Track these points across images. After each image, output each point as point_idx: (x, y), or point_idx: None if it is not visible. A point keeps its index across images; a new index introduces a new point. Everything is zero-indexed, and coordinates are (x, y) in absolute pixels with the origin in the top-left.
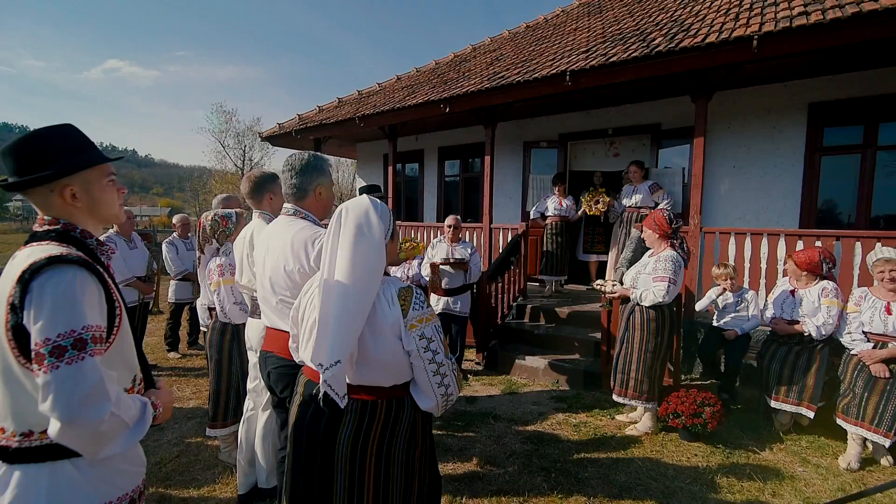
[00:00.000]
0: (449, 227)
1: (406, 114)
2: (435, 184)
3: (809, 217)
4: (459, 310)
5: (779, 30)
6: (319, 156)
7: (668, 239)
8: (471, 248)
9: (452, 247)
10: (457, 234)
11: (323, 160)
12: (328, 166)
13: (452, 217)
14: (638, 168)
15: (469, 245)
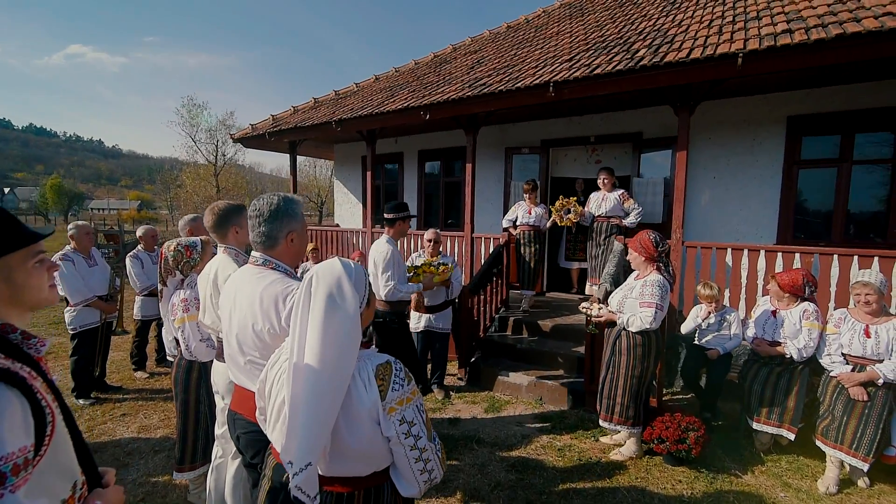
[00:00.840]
0: (429, 241)
1: (385, 119)
2: (415, 187)
3: (786, 230)
4: (442, 326)
5: (764, 48)
6: (290, 198)
7: (654, 262)
8: (451, 262)
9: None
10: (437, 249)
11: (294, 204)
12: (300, 209)
13: (432, 231)
14: (608, 176)
15: (449, 259)
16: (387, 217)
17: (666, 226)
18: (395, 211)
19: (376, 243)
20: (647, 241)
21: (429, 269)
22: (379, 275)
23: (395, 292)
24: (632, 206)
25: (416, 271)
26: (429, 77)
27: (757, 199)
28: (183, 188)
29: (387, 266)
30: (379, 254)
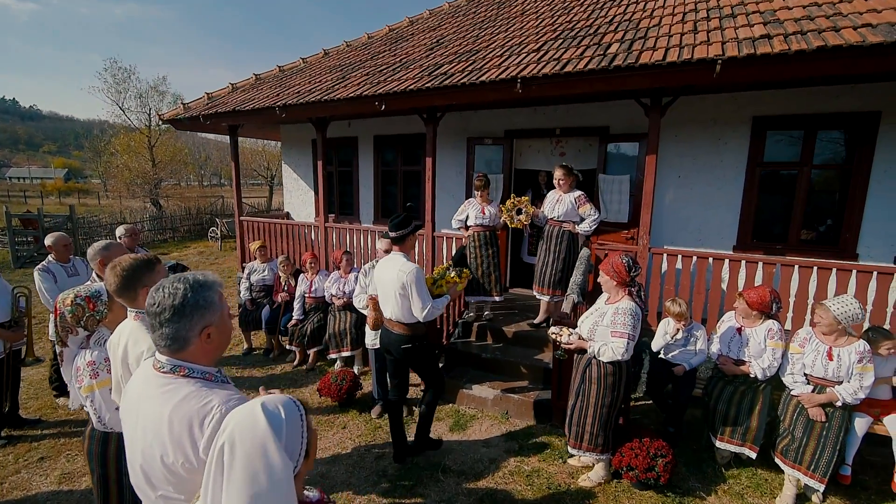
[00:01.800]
0: (385, 252)
1: (335, 107)
2: (371, 176)
3: (745, 233)
4: None
5: (744, 56)
6: (202, 283)
7: (625, 287)
8: None
9: None
10: None
11: (207, 289)
12: (217, 293)
13: (386, 241)
14: (565, 175)
15: None
16: (394, 236)
17: (631, 226)
18: (402, 227)
19: (402, 265)
20: (619, 265)
21: (452, 279)
22: (415, 299)
23: (432, 312)
24: (588, 211)
25: (437, 283)
26: (384, 56)
27: (720, 200)
28: (117, 156)
29: (421, 288)
30: (411, 277)
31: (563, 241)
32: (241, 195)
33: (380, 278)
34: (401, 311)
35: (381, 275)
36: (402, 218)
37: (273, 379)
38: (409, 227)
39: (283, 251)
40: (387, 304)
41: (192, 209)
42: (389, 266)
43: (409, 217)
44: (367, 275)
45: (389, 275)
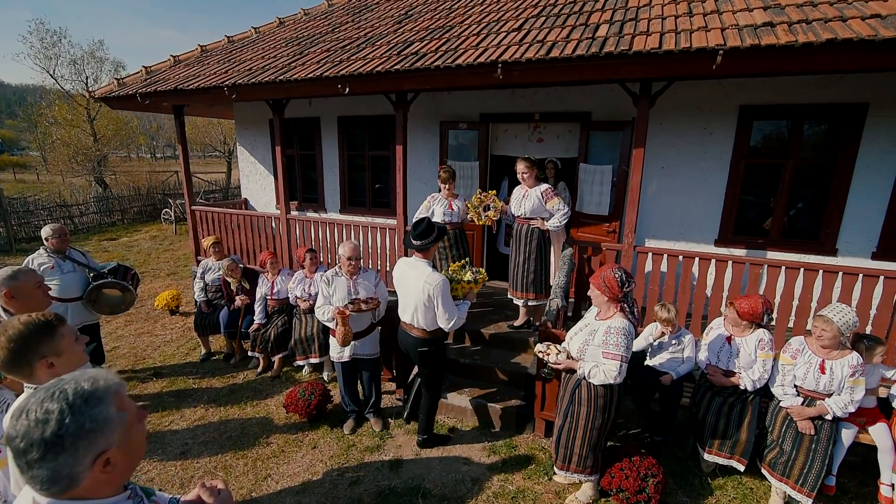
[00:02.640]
0: (349, 259)
1: (292, 88)
2: (336, 161)
3: (727, 227)
4: (369, 352)
5: (747, 47)
6: (89, 394)
7: (617, 303)
8: (375, 277)
9: (354, 281)
10: (357, 267)
11: (97, 401)
12: (116, 397)
13: (351, 246)
14: (528, 167)
15: (372, 274)
16: (417, 245)
17: (612, 219)
18: (424, 237)
19: (427, 276)
20: (611, 279)
21: (467, 284)
22: (440, 311)
23: (457, 323)
24: (556, 206)
25: (452, 286)
26: (346, 29)
27: (703, 192)
28: (57, 124)
29: (447, 301)
30: (437, 290)
31: (533, 239)
32: (191, 180)
33: (401, 284)
34: (423, 319)
35: (404, 281)
36: (424, 227)
37: (235, 389)
38: (432, 237)
39: (241, 245)
40: (406, 309)
41: (143, 188)
42: (412, 274)
43: (432, 225)
44: (329, 283)
45: (413, 284)
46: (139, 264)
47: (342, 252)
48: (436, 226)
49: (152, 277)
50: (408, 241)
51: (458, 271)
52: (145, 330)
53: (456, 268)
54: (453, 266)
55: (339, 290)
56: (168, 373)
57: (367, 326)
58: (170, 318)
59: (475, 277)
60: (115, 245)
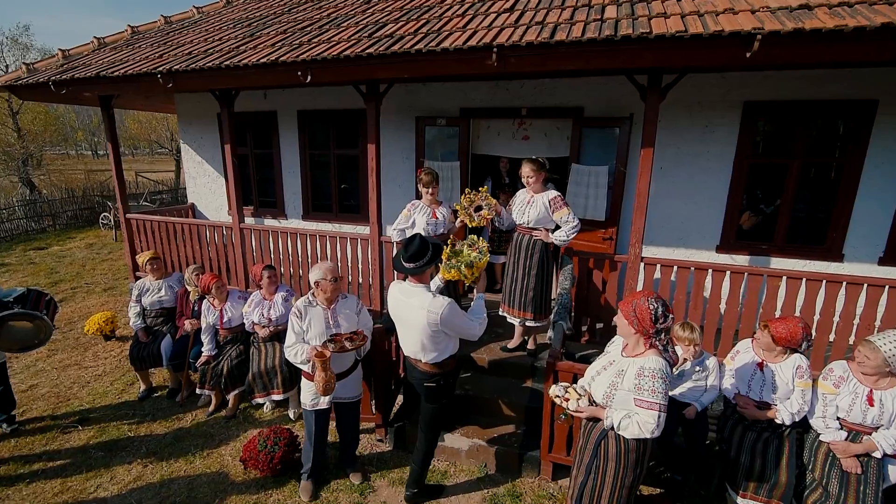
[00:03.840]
0: (327, 282)
1: (243, 76)
2: (297, 161)
3: (729, 232)
4: (351, 395)
5: (789, 31)
6: None
7: (648, 338)
8: (357, 304)
9: (332, 312)
10: (337, 293)
11: None
12: None
13: (328, 267)
14: (535, 170)
15: (353, 300)
16: (410, 268)
17: (609, 225)
18: (418, 258)
19: (430, 305)
20: (644, 311)
21: (469, 270)
22: (459, 332)
23: (482, 328)
24: (565, 217)
25: (450, 263)
26: (306, 9)
27: (704, 194)
28: None
29: (462, 320)
30: (446, 318)
31: (536, 252)
32: (124, 184)
33: (399, 314)
34: (431, 352)
35: (401, 312)
36: (416, 247)
37: (181, 436)
38: (427, 258)
39: (187, 260)
40: (409, 342)
41: (79, 189)
42: (411, 304)
43: (425, 243)
44: (302, 316)
45: (414, 315)
46: (71, 278)
47: (318, 276)
48: (430, 244)
49: (86, 294)
50: (399, 265)
51: (454, 248)
52: (73, 361)
53: (456, 251)
54: (457, 257)
55: (314, 324)
56: (98, 417)
57: (349, 366)
58: (104, 346)
59: (478, 251)
60: (44, 255)
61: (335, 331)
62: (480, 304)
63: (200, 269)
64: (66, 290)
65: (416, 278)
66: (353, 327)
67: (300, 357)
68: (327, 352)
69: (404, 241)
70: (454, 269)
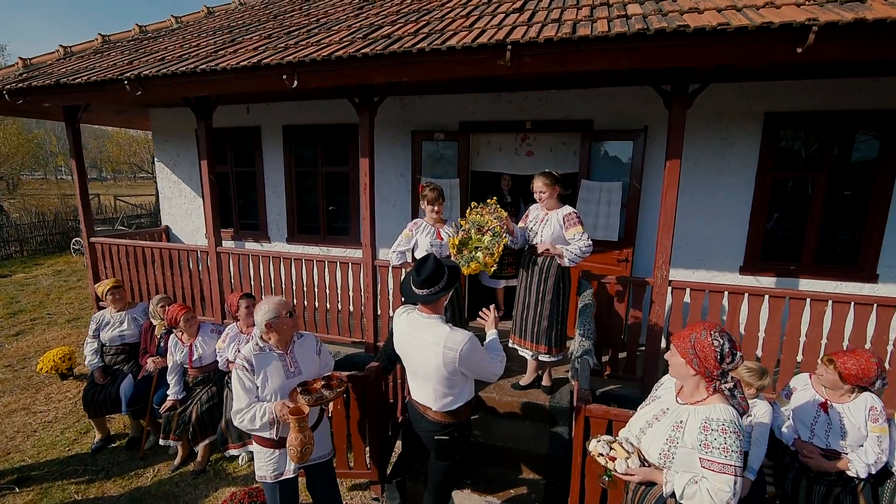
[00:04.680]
0: (282, 319)
1: (221, 82)
2: (281, 180)
3: (754, 252)
4: (323, 452)
5: (848, 22)
6: None
7: (712, 381)
8: (315, 343)
9: (290, 357)
10: (294, 332)
11: None
12: None
13: (279, 302)
14: (548, 184)
15: (311, 339)
16: (424, 294)
17: (624, 245)
18: (432, 283)
19: (446, 340)
20: (706, 347)
21: (492, 254)
22: (479, 373)
23: (503, 363)
24: (576, 235)
25: (463, 252)
26: (293, 16)
27: (725, 211)
28: None
29: (482, 358)
30: (467, 356)
31: (551, 275)
32: (88, 204)
33: (408, 353)
34: (445, 398)
35: (410, 350)
36: (431, 268)
37: (139, 497)
38: (443, 282)
39: (157, 288)
40: (419, 386)
41: (50, 214)
42: (423, 340)
43: (440, 266)
44: (252, 368)
45: (427, 354)
46: (32, 308)
47: (269, 314)
48: (445, 266)
49: (46, 326)
50: (408, 291)
51: (470, 232)
52: (21, 405)
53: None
54: (471, 216)
55: (272, 376)
56: (40, 476)
57: (315, 419)
58: (59, 386)
59: (492, 239)
60: (6, 284)
61: (298, 379)
62: (495, 340)
63: (168, 299)
64: (25, 322)
65: (428, 307)
66: (315, 372)
67: (263, 419)
68: (305, 407)
69: (416, 263)
70: (473, 262)
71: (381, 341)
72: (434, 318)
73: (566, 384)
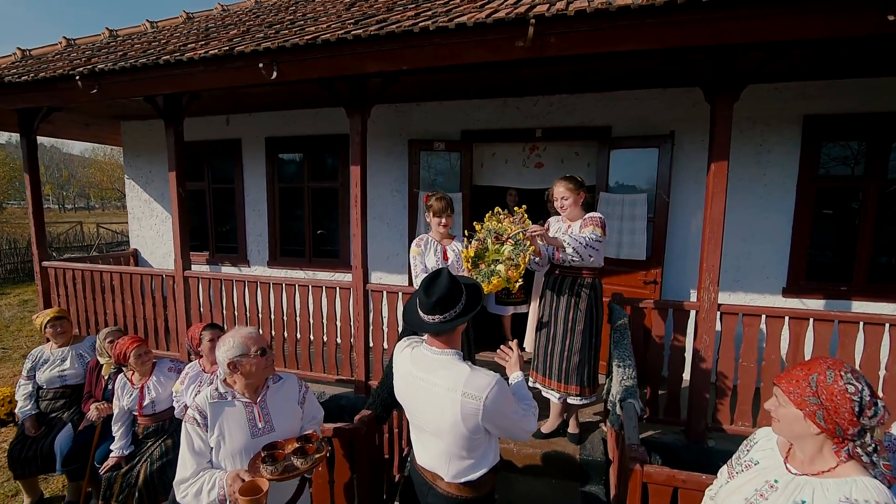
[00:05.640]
0: (251, 358)
1: (189, 76)
2: (262, 198)
3: (797, 271)
4: None
5: None
6: None
7: (844, 443)
8: (299, 389)
9: (259, 408)
10: (268, 374)
11: None
12: None
13: (248, 336)
14: (571, 189)
15: (293, 384)
16: (435, 323)
17: (652, 265)
18: (447, 306)
19: (465, 383)
20: (837, 394)
21: (516, 266)
22: (508, 427)
23: (535, 416)
24: (588, 232)
25: (479, 266)
26: (280, 16)
27: (764, 226)
28: None
29: (510, 409)
30: (493, 402)
31: (581, 300)
32: (42, 224)
33: (413, 402)
34: (464, 461)
35: (415, 396)
36: (446, 289)
37: None
38: (460, 306)
39: (117, 318)
40: (428, 447)
41: (22, 241)
42: (432, 383)
43: (457, 284)
44: (205, 423)
45: (437, 402)
46: None
47: (234, 351)
48: (462, 284)
49: None
50: (413, 317)
51: (486, 241)
52: None
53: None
54: (488, 223)
55: (232, 434)
56: None
57: (292, 494)
58: None
59: (515, 249)
60: None
61: (269, 438)
62: (522, 384)
63: (119, 332)
64: None
65: (441, 340)
66: (294, 429)
67: (211, 495)
68: (263, 482)
69: (424, 281)
70: (494, 277)
71: (374, 380)
72: (449, 353)
73: (596, 430)
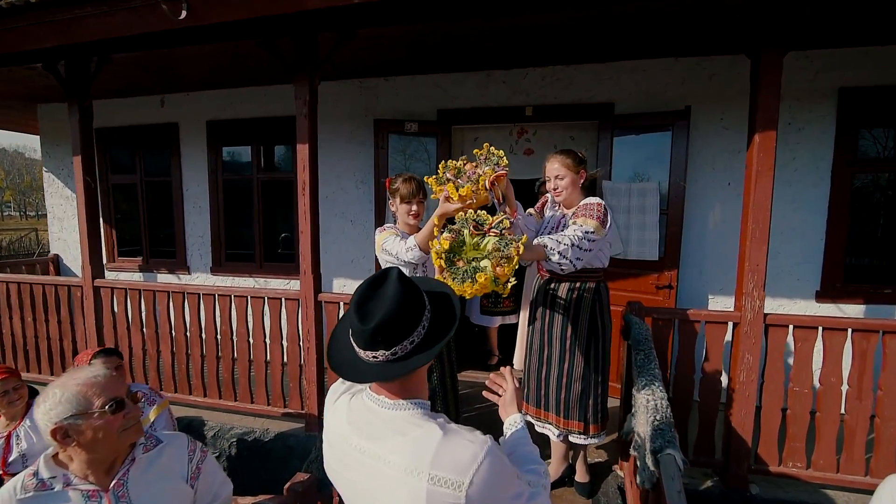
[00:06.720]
0: (95, 416)
1: (75, 23)
2: (204, 192)
3: (834, 272)
4: None
5: None
6: None
7: None
8: (188, 458)
9: (113, 495)
10: (135, 437)
11: None
12: None
13: (90, 381)
14: (569, 166)
15: (180, 447)
16: (378, 360)
17: (666, 266)
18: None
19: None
20: None
21: (509, 261)
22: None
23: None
24: (579, 224)
25: (456, 264)
26: None
27: (793, 218)
28: None
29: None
30: (485, 484)
31: (583, 309)
32: None
33: (346, 483)
34: None
35: (351, 477)
36: (396, 302)
37: None
38: (419, 333)
39: (12, 343)
40: None
41: None
42: (377, 453)
43: (413, 296)
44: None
45: (384, 493)
46: None
47: (66, 408)
48: (424, 293)
49: None
50: (342, 356)
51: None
52: None
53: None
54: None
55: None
56: None
57: None
58: None
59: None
60: None
61: None
62: (524, 437)
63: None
64: None
65: (393, 388)
66: None
67: None
68: None
69: (357, 293)
70: (481, 274)
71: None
72: (406, 407)
73: (610, 474)
